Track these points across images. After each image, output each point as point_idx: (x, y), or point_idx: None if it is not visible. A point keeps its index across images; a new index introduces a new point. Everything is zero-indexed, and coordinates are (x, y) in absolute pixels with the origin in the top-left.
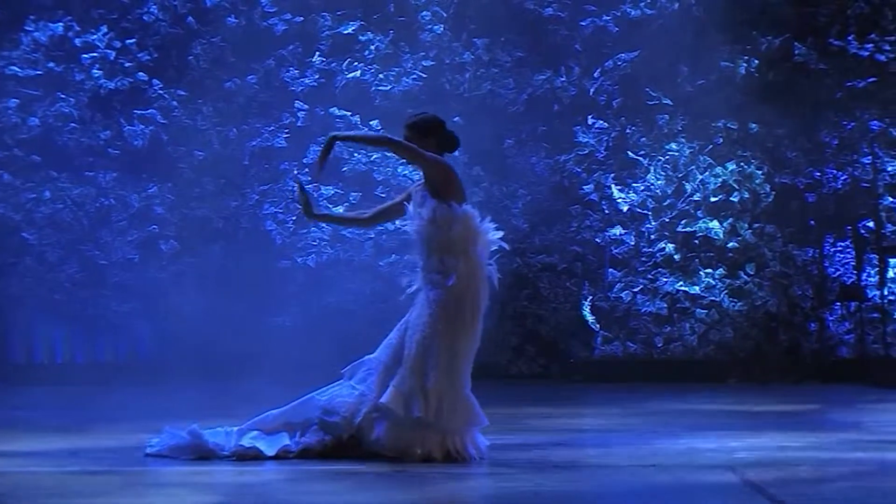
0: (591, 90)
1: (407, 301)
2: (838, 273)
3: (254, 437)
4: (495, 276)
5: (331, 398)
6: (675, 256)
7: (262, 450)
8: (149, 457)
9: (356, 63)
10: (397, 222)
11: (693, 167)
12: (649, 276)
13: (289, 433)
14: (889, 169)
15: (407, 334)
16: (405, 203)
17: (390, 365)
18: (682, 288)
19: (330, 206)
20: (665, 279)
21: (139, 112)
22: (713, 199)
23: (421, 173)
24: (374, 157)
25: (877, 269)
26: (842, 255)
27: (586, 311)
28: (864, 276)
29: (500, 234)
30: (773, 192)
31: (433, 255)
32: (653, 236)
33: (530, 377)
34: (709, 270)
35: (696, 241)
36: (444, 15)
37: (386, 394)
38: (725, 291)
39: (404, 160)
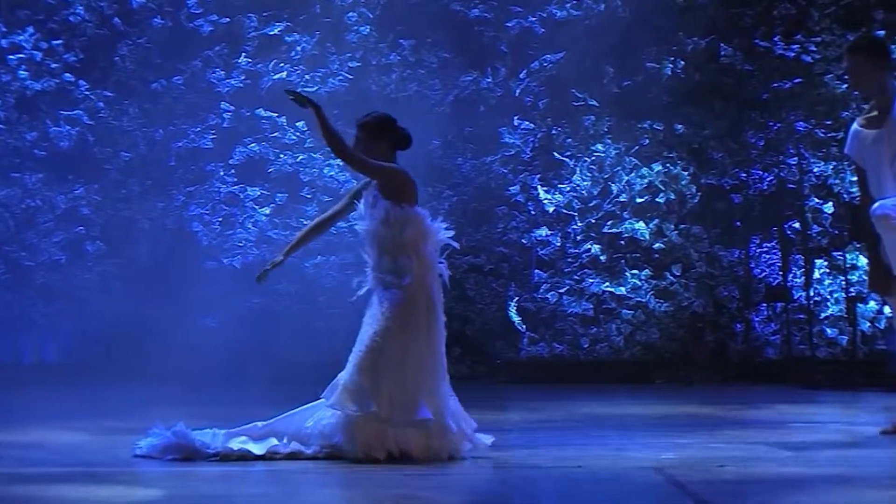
0: (517, 91)
1: (357, 303)
2: (764, 274)
3: (242, 441)
4: (446, 274)
5: (315, 423)
6: (601, 257)
7: (249, 450)
8: (137, 458)
9: (282, 64)
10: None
11: (619, 168)
12: (575, 277)
13: (277, 438)
14: (815, 170)
15: (360, 333)
16: (355, 201)
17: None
18: (609, 289)
19: (256, 207)
20: (591, 280)
21: (65, 113)
22: (639, 201)
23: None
24: (300, 158)
25: (803, 270)
26: (768, 257)
27: (512, 313)
28: (789, 277)
29: (451, 233)
30: (699, 194)
31: (385, 255)
32: (579, 237)
33: (457, 378)
34: (635, 271)
35: (622, 242)
36: (371, 16)
37: (334, 395)
38: (651, 292)
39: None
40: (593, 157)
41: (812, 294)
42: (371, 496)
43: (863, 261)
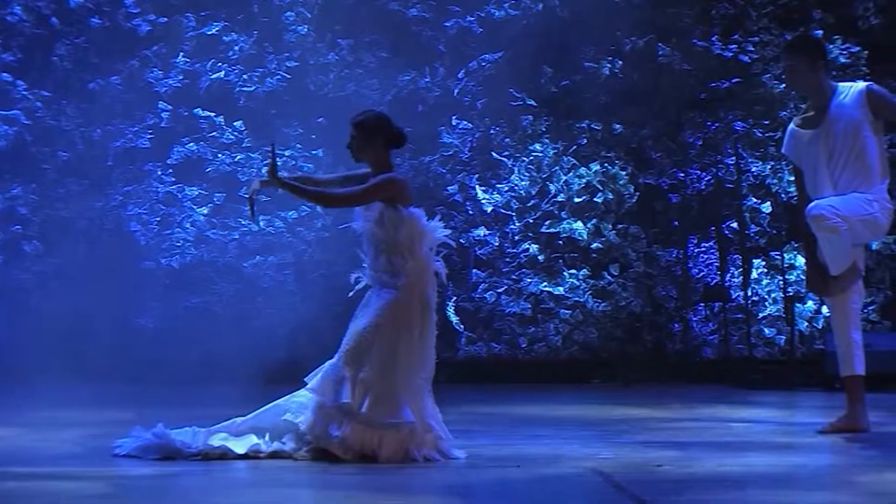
0: (456, 91)
1: (350, 298)
2: (702, 274)
3: (222, 438)
4: (443, 272)
5: (306, 415)
6: (539, 257)
7: (231, 448)
8: (117, 457)
9: (220, 64)
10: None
11: (557, 168)
12: (513, 277)
13: (257, 435)
14: (753, 170)
15: (350, 326)
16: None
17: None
18: (547, 289)
19: (194, 206)
20: (529, 280)
21: (3, 113)
22: (577, 200)
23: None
24: (239, 157)
25: (740, 269)
26: (706, 256)
27: (450, 312)
28: (727, 276)
29: (448, 231)
30: (637, 193)
31: (381, 255)
32: (517, 237)
33: None
34: (573, 271)
35: (560, 242)
36: (309, 16)
37: (315, 379)
38: (589, 292)
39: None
40: (531, 157)
41: (750, 294)
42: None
43: (801, 260)
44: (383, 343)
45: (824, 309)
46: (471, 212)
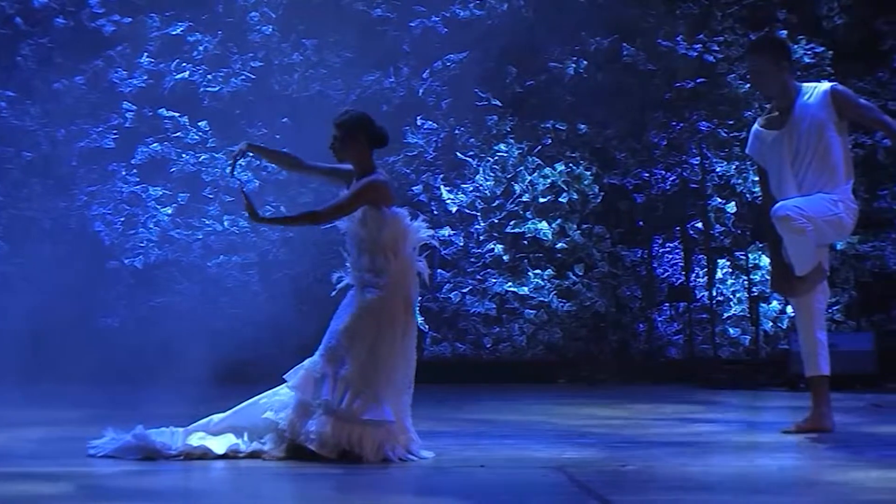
0: (420, 91)
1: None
2: (667, 274)
3: (201, 437)
4: (425, 273)
5: (288, 412)
6: (504, 257)
7: (210, 448)
8: (92, 458)
9: (184, 64)
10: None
11: (522, 168)
12: (478, 277)
13: (236, 434)
14: (717, 170)
15: (331, 325)
16: (344, 189)
17: (330, 367)
18: (511, 289)
19: (158, 206)
20: (494, 280)
21: None
22: (542, 200)
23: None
24: (203, 157)
25: (705, 269)
26: (670, 256)
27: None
28: (692, 276)
29: (431, 231)
30: (602, 193)
31: (363, 254)
32: (482, 237)
33: None
34: (538, 271)
35: (525, 242)
36: (273, 16)
37: (295, 375)
38: (554, 292)
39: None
40: (496, 157)
41: (715, 294)
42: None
43: (765, 261)
44: (365, 341)
45: (789, 309)
46: (435, 212)
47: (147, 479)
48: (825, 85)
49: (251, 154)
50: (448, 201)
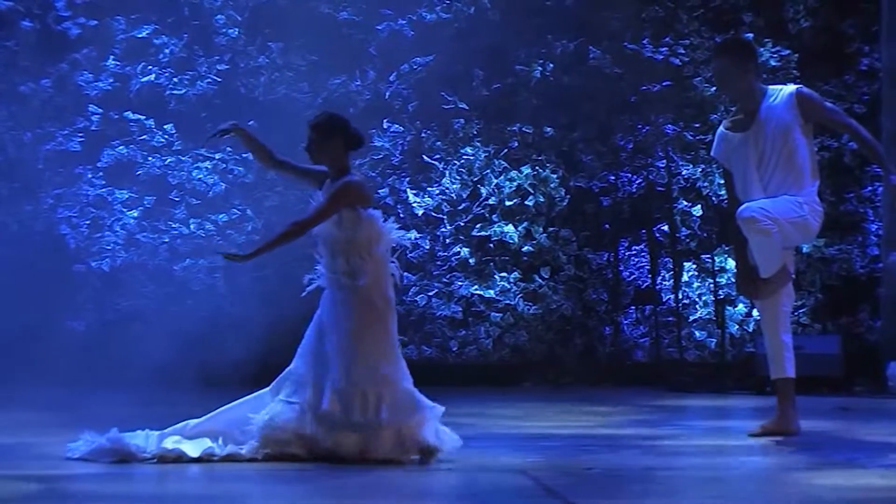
0: (387, 94)
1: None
2: (633, 277)
3: (176, 440)
4: (398, 274)
5: (271, 418)
6: (471, 260)
7: (185, 451)
8: (67, 460)
9: (150, 67)
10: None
11: (488, 171)
12: (444, 280)
13: (211, 438)
14: (684, 173)
15: (326, 338)
16: (316, 191)
17: (319, 371)
18: (478, 292)
19: (124, 209)
20: (460, 283)
21: None
22: (508, 203)
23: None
24: (169, 160)
25: (671, 272)
26: (637, 259)
27: None
28: (658, 279)
29: (402, 232)
30: (568, 196)
31: (338, 256)
32: (448, 240)
33: None
34: (504, 274)
35: (492, 245)
36: (239, 19)
37: (325, 399)
38: (520, 295)
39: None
40: (462, 160)
41: (681, 297)
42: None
43: (731, 263)
44: (365, 347)
45: (755, 312)
46: (402, 215)
47: (121, 483)
48: (791, 87)
49: (233, 135)
50: (414, 204)
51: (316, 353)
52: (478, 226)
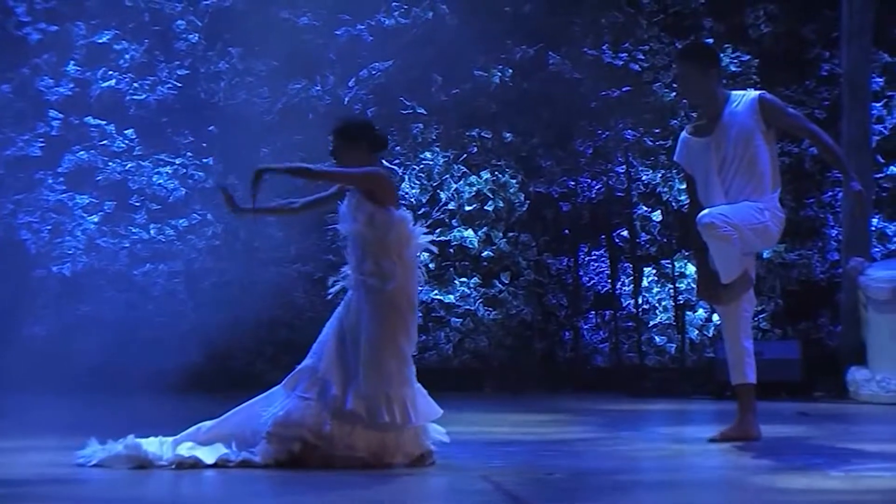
0: (346, 99)
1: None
2: (593, 282)
3: (190, 447)
4: (422, 279)
5: (287, 412)
6: (430, 265)
7: (200, 458)
8: (81, 467)
9: (111, 72)
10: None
11: (448, 176)
12: None
13: (224, 444)
14: (643, 178)
15: (349, 339)
16: (338, 201)
17: (340, 372)
18: (437, 297)
19: (85, 215)
20: (420, 288)
21: None
22: (468, 209)
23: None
24: (129, 166)
25: (631, 277)
26: (596, 264)
27: None
28: (618, 285)
29: (430, 237)
30: (528, 201)
31: (368, 258)
32: None
33: None
34: (464, 279)
35: (451, 250)
36: (200, 24)
37: (349, 399)
38: (480, 300)
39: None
40: (422, 165)
41: (641, 302)
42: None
43: (691, 269)
44: (392, 350)
45: (715, 317)
46: None
47: (138, 488)
48: (753, 93)
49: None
50: None
51: (337, 352)
52: (437, 231)
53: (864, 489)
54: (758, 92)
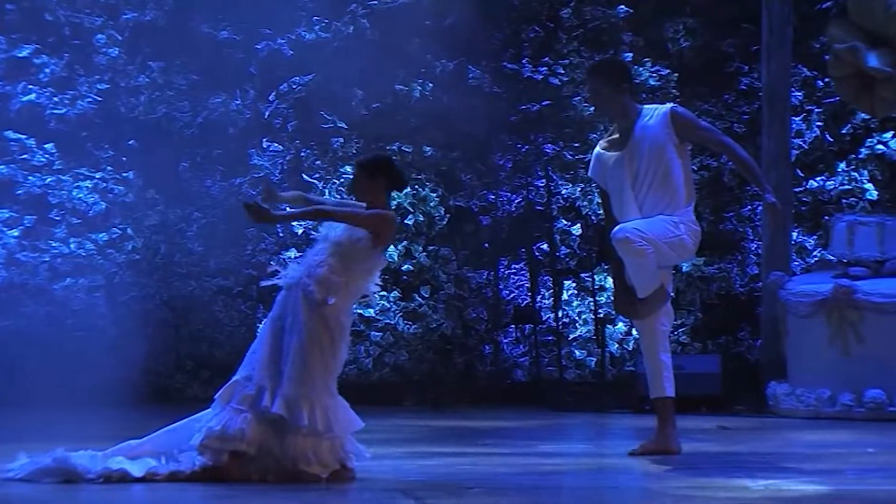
0: (267, 113)
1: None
2: (513, 295)
3: (119, 461)
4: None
5: (223, 426)
6: None
7: (129, 471)
8: (8, 481)
9: (31, 86)
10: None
11: None
12: None
13: (153, 458)
14: (563, 192)
15: (284, 341)
16: None
17: (271, 375)
18: (357, 311)
19: (4, 229)
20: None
21: None
22: None
23: None
24: (49, 180)
25: (551, 291)
26: (516, 278)
27: None
28: (538, 298)
29: (377, 288)
30: (448, 215)
31: (325, 266)
32: None
33: (205, 400)
34: (383, 293)
35: None
36: (120, 38)
37: (275, 403)
38: (400, 314)
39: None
40: (343, 179)
41: (561, 315)
42: None
43: (611, 282)
44: (321, 356)
45: (634, 331)
46: (281, 234)
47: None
48: (665, 106)
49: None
50: (294, 223)
51: (270, 354)
52: None
53: (783, 499)
54: (669, 105)
